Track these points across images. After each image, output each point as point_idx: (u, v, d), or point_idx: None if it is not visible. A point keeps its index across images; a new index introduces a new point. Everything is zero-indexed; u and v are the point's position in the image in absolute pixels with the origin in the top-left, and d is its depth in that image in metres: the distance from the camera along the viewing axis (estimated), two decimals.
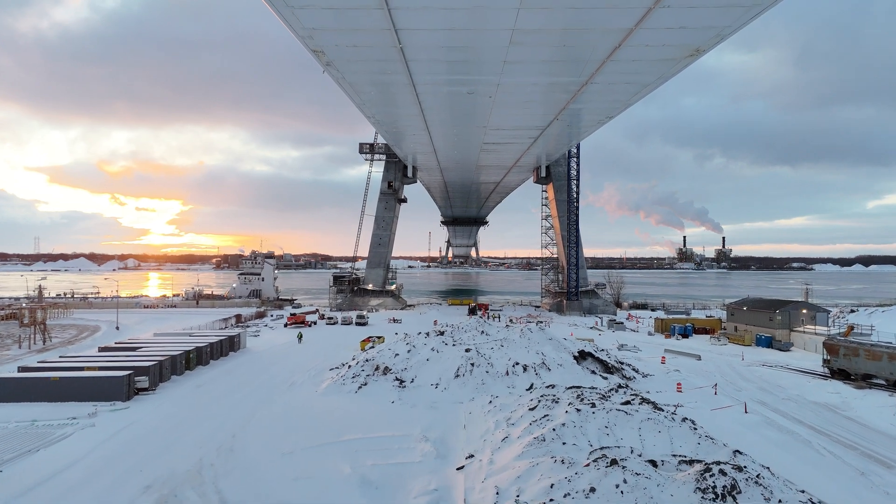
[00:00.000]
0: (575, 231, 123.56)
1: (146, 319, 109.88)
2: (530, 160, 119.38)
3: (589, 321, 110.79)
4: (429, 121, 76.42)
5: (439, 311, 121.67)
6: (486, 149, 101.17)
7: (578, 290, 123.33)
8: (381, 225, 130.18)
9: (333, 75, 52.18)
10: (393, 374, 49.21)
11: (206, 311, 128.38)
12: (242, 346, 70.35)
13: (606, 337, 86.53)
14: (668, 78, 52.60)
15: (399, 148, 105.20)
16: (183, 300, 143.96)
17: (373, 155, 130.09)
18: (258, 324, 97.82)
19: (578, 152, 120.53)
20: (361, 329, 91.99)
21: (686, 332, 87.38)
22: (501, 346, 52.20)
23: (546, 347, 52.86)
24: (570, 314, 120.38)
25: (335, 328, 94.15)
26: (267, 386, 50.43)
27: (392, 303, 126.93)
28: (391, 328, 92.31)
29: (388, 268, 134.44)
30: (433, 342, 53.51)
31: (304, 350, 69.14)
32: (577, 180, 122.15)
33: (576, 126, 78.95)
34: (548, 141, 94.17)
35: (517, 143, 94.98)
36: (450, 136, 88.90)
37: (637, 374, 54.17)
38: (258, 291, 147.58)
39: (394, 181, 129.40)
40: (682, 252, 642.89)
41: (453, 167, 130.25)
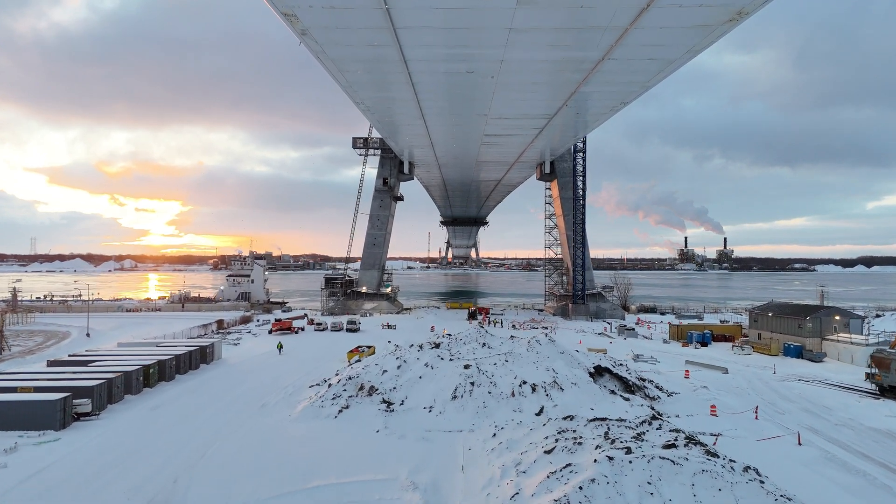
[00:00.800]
0: (581, 230, 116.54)
1: (124, 325, 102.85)
2: (533, 155, 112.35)
3: (597, 326, 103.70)
4: (425, 109, 69.42)
5: (437, 316, 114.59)
6: (488, 142, 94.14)
7: (585, 293, 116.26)
8: (375, 224, 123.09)
9: (312, 48, 45.14)
10: (380, 395, 42.15)
11: (190, 315, 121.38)
12: (217, 358, 63.31)
13: (618, 345, 79.49)
14: (698, 52, 45.59)
15: (394, 141, 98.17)
16: (168, 303, 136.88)
17: (367, 150, 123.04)
18: (241, 330, 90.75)
19: (585, 147, 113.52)
20: (352, 336, 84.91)
21: (705, 340, 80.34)
22: (506, 362, 45.11)
23: (557, 362, 45.77)
24: (575, 319, 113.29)
25: (324, 335, 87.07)
26: (234, 408, 43.38)
27: (387, 306, 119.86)
28: (384, 335, 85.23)
29: (384, 269, 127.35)
30: (427, 356, 46.43)
31: (284, 362, 62.04)
32: (584, 177, 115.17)
33: (585, 115, 71.91)
34: (553, 133, 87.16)
35: (520, 136, 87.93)
36: (448, 126, 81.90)
37: (662, 394, 47.10)
38: (247, 294, 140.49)
39: (389, 178, 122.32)
40: (684, 253, 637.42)
41: (452, 163, 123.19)
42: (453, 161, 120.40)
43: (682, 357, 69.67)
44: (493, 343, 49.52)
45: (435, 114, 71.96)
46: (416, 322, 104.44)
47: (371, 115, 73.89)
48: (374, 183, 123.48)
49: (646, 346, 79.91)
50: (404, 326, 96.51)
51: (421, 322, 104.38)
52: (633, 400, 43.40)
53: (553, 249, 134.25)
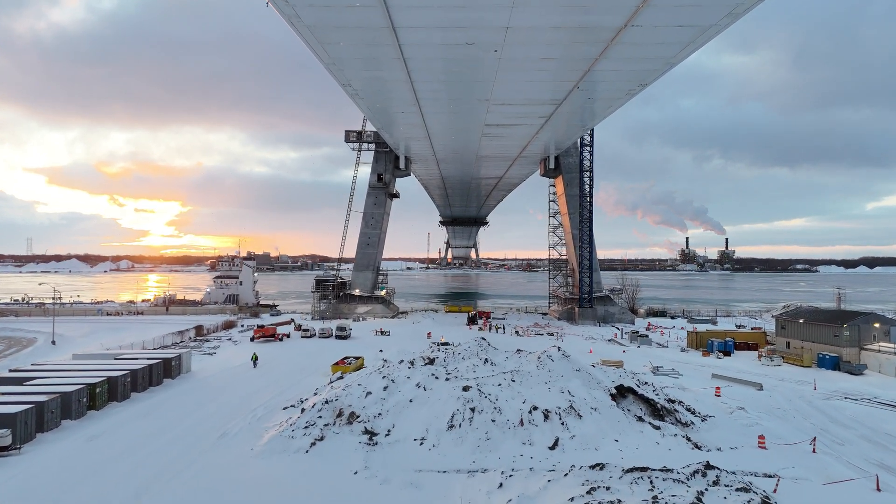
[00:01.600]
0: (588, 229, 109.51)
1: (97, 330, 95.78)
2: (537, 149, 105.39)
3: (606, 332, 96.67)
4: (419, 93, 62.43)
5: (435, 321, 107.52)
6: (489, 133, 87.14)
7: (592, 296, 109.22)
8: (369, 223, 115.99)
9: (283, 11, 38.17)
10: (361, 423, 35.12)
11: (174, 319, 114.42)
12: (185, 371, 56.25)
13: (633, 355, 72.48)
14: (740, 15, 38.57)
15: (388, 133, 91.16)
16: (151, 307, 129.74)
17: (360, 144, 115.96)
18: (222, 337, 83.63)
19: (592, 141, 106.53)
20: (341, 344, 77.82)
21: (727, 349, 73.27)
22: (513, 382, 38.04)
23: (573, 382, 38.71)
24: (582, 323, 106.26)
25: (311, 343, 79.99)
26: (187, 438, 36.33)
27: (382, 310, 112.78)
28: (376, 343, 78.19)
29: (379, 271, 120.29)
30: (419, 375, 39.37)
31: (260, 377, 54.93)
32: (591, 172, 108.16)
33: (597, 100, 64.82)
34: (560, 123, 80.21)
35: (525, 126, 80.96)
36: (446, 115, 74.94)
37: (695, 418, 40.04)
38: (235, 297, 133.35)
39: (384, 174, 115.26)
40: (685, 253, 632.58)
41: (451, 158, 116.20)
42: (452, 156, 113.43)
43: (706, 369, 62.67)
44: (496, 358, 42.42)
45: (431, 99, 64.96)
46: (411, 327, 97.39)
47: (361, 102, 66.88)
48: (368, 179, 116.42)
49: (663, 355, 72.87)
50: (399, 332, 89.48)
51: (417, 327, 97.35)
52: (664, 428, 36.40)
53: (557, 250, 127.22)
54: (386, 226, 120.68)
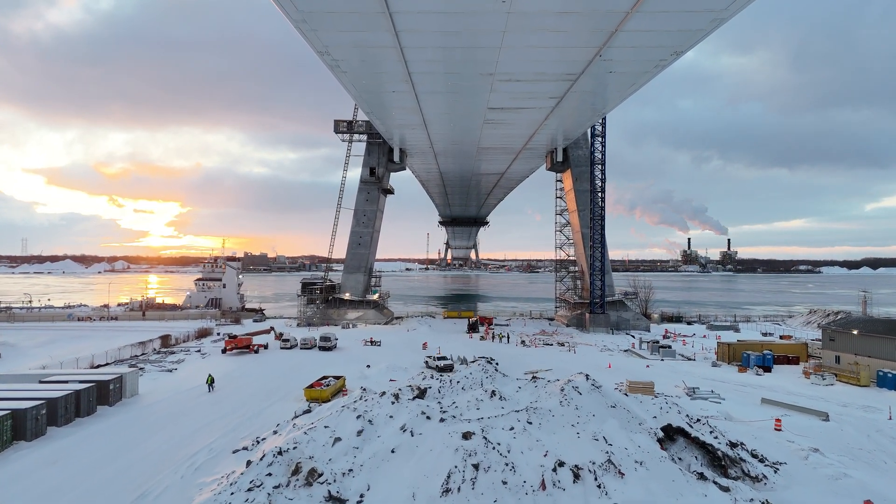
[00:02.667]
0: (600, 228, 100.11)
1: (58, 339, 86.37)
2: (544, 140, 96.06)
3: (620, 341, 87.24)
4: (412, 64, 53.00)
5: (432, 328, 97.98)
6: (492, 120, 77.81)
7: (604, 300, 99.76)
8: (361, 221, 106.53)
9: None
10: (324, 485, 25.73)
11: (148, 325, 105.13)
12: (129, 394, 46.82)
13: (658, 370, 63.14)
14: None
15: (379, 119, 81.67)
16: (126, 311, 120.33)
17: (351, 135, 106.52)
18: (190, 349, 74.12)
19: (604, 130, 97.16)
20: (324, 357, 68.42)
21: (766, 364, 63.82)
22: (529, 425, 28.63)
23: (609, 424, 29.29)
24: (594, 331, 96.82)
25: (290, 355, 70.57)
26: (91, 503, 26.94)
27: (374, 315, 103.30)
28: (364, 356, 68.80)
29: (371, 273, 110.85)
30: (406, 413, 29.93)
31: (215, 404, 45.42)
32: (603, 165, 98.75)
33: (620, 74, 55.32)
34: (572, 108, 70.95)
35: (533, 110, 71.65)
36: (444, 96, 65.64)
37: (765, 469, 30.69)
38: (218, 300, 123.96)
39: (377, 167, 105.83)
40: (687, 254, 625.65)
41: (450, 150, 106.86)
42: (451, 148, 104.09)
43: (749, 390, 53.30)
44: (506, 390, 32.94)
45: (426, 72, 55.55)
46: (406, 336, 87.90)
47: (344, 77, 57.44)
48: (360, 173, 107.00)
49: (692, 371, 63.43)
50: (391, 342, 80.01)
51: (412, 336, 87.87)
52: (735, 490, 26.99)
53: (565, 250, 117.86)
54: (379, 224, 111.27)
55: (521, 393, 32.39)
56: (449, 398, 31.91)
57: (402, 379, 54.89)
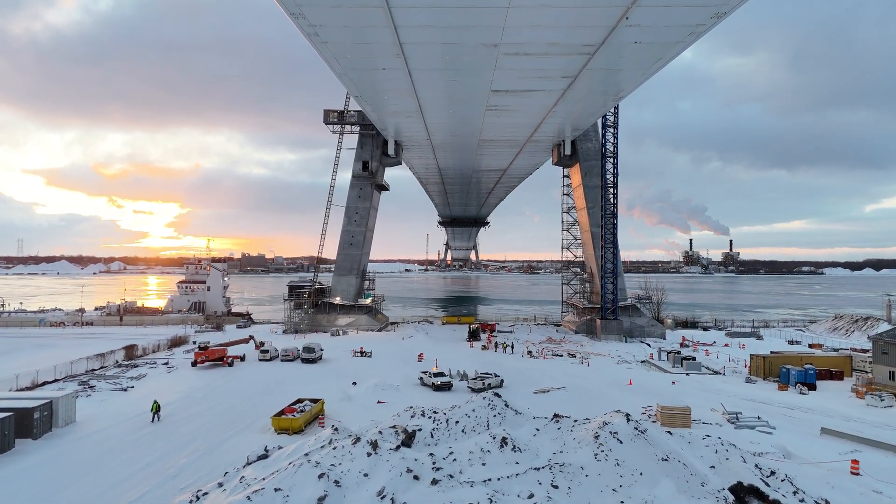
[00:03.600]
0: (612, 227, 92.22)
1: (19, 347, 78.88)
2: (551, 130, 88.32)
3: (636, 350, 79.43)
4: (403, 33, 45.21)
5: (429, 336, 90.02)
6: (495, 106, 70.11)
7: (617, 306, 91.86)
8: (353, 219, 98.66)
9: None
10: None
11: (124, 331, 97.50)
12: (62, 422, 39.00)
13: (686, 386, 55.36)
14: None
15: (370, 105, 73.70)
16: (103, 315, 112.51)
17: (343, 127, 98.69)
18: (157, 361, 66.23)
19: (617, 120, 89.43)
20: (306, 371, 60.64)
21: (809, 380, 55.92)
22: (555, 490, 20.73)
23: (662, 487, 21.46)
24: (606, 338, 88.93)
25: (268, 368, 62.75)
26: None
27: (367, 321, 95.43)
28: (351, 370, 61.05)
29: (365, 275, 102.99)
30: (386, 471, 22.05)
31: (161, 437, 37.50)
32: (615, 159, 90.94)
33: (648, 45, 47.43)
34: (586, 91, 63.36)
35: (542, 93, 63.96)
36: (441, 74, 57.88)
37: None
38: (202, 304, 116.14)
39: (370, 161, 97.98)
40: (689, 255, 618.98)
41: (449, 143, 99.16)
42: (450, 140, 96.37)
43: (798, 414, 45.51)
44: (520, 435, 25.03)
45: (419, 43, 47.69)
46: (400, 345, 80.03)
47: (326, 50, 49.57)
48: (352, 167, 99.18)
49: (724, 388, 55.56)
50: (384, 353, 72.17)
51: (407, 345, 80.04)
52: None
53: (572, 251, 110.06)
54: (373, 222, 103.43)
55: (541, 438, 24.55)
56: (444, 445, 24.10)
57: (393, 400, 47.16)
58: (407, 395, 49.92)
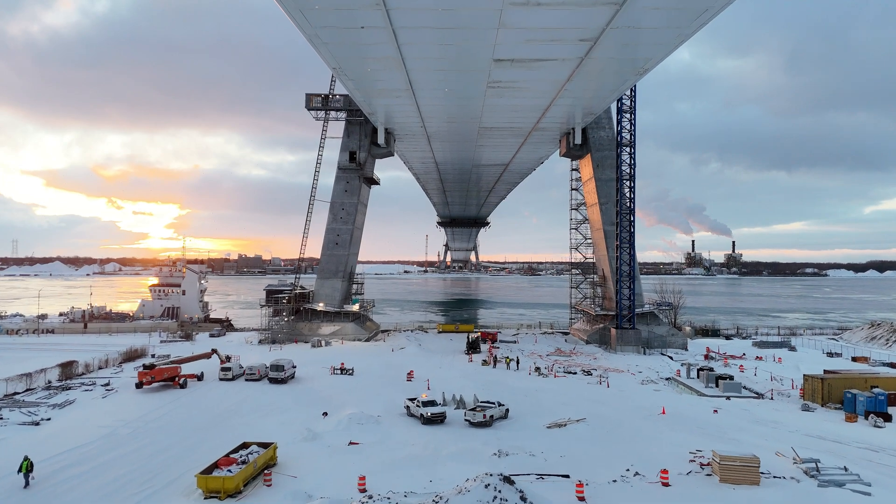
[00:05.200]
0: (628, 225, 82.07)
1: None
2: (561, 114, 78.43)
3: (657, 364, 69.39)
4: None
5: (422, 347, 79.68)
6: (499, 82, 60.25)
7: (634, 313, 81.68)
8: (339, 215, 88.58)
9: None
10: None
11: (85, 340, 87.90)
12: None
13: (730, 415, 45.40)
14: None
15: (352, 80, 63.48)
16: (66, 322, 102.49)
17: (327, 113, 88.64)
18: (97, 381, 55.99)
19: (634, 103, 79.41)
20: (271, 395, 50.56)
21: (880, 408, 45.81)
22: None
23: None
24: (622, 350, 78.81)
25: (227, 390, 52.69)
26: None
27: (353, 330, 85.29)
28: (328, 392, 51.10)
29: (352, 278, 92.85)
30: None
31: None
32: (632, 147, 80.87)
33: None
34: (607, 60, 53.49)
35: (554, 63, 54.04)
36: (432, 27, 47.91)
37: None
38: (176, 309, 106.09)
39: (358, 151, 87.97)
40: (691, 257, 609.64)
41: (446, 132, 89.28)
42: (447, 128, 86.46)
43: (885, 457, 35.44)
44: None
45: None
46: (389, 359, 69.92)
47: (292, 6, 39.77)
48: (338, 158, 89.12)
49: (777, 418, 45.51)
50: (369, 369, 62.08)
51: (397, 358, 69.98)
52: None
53: (581, 251, 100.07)
54: (361, 219, 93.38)
55: None
56: None
57: (371, 439, 37.28)
58: (390, 430, 39.99)
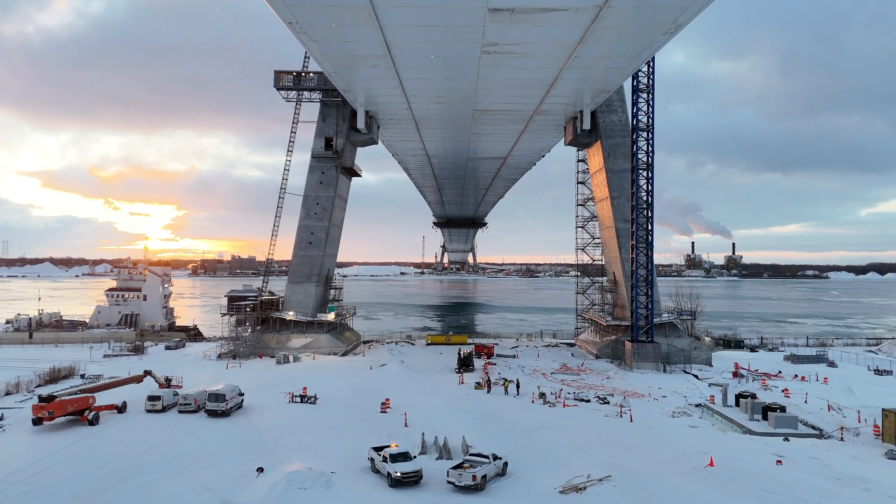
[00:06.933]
0: (646, 223, 70.92)
1: None
2: (568, 93, 67.50)
3: (683, 386, 58.38)
4: None
5: (406, 365, 67.83)
6: (495, 45, 49.28)
7: (652, 324, 70.49)
8: (312, 211, 77.33)
9: None
10: None
11: (24, 353, 77.04)
12: None
13: (798, 467, 34.39)
14: None
15: (318, 44, 52.49)
16: (9, 332, 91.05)
17: (300, 93, 77.43)
18: None
19: (652, 81, 68.53)
20: (203, 433, 39.38)
21: None
22: None
23: None
24: (640, 367, 67.66)
25: (149, 426, 41.47)
26: None
27: (329, 342, 74.03)
28: (278, 430, 39.97)
29: (329, 282, 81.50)
30: None
31: None
32: (650, 132, 69.85)
33: None
34: (629, 17, 42.39)
35: (566, 11, 42.95)
36: None
37: None
38: (135, 317, 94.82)
39: (335, 138, 76.77)
40: (691, 259, 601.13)
41: (435, 116, 78.26)
42: (436, 110, 75.39)
43: None
44: None
45: None
46: (364, 379, 58.63)
47: None
48: (312, 146, 77.91)
49: (861, 471, 34.41)
50: (336, 395, 50.77)
51: (374, 379, 58.74)
52: None
53: (589, 253, 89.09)
54: (340, 216, 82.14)
55: None
56: None
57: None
58: (343, 498, 28.90)
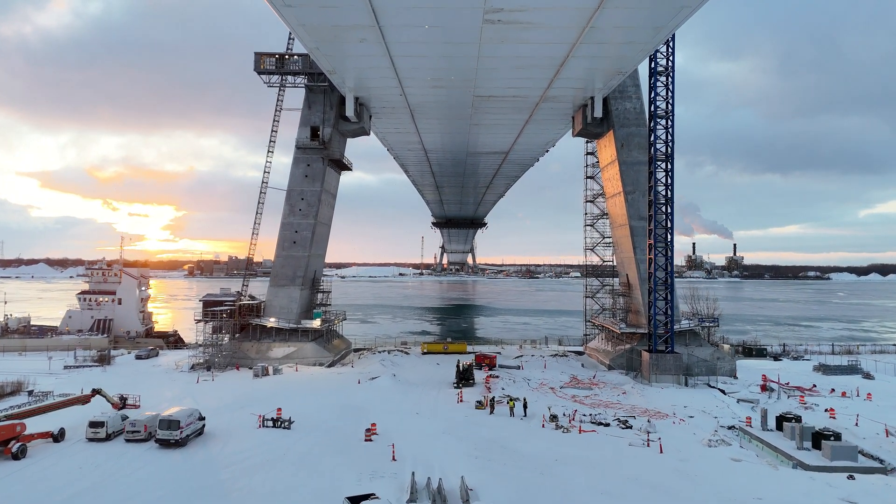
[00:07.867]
0: (665, 220, 63.93)
1: None
2: (580, 76, 60.59)
3: (708, 402, 51.43)
4: None
5: (398, 379, 60.58)
6: (499, 11, 42.25)
7: (672, 332, 63.47)
8: (297, 207, 70.37)
9: None
10: None
11: None
12: None
13: None
14: None
15: (293, 10, 45.75)
16: None
17: (283, 78, 70.47)
18: None
19: (672, 63, 61.66)
20: (147, 471, 32.49)
21: None
22: None
23: None
24: (659, 381, 60.69)
25: (84, 460, 34.54)
26: None
27: (314, 351, 67.03)
28: (234, 470, 32.94)
29: (316, 286, 74.44)
30: None
31: None
32: (670, 119, 62.94)
33: None
34: None
35: None
36: None
37: None
38: (109, 322, 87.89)
39: (321, 127, 69.82)
40: (692, 259, 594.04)
41: (432, 103, 71.34)
42: (433, 96, 68.47)
43: None
44: None
45: None
46: (349, 397, 51.61)
47: None
48: (297, 135, 70.98)
49: None
50: (315, 417, 43.80)
51: (360, 397, 51.69)
52: None
53: (598, 253, 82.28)
54: (328, 213, 75.15)
55: None
56: None
57: None
58: None
